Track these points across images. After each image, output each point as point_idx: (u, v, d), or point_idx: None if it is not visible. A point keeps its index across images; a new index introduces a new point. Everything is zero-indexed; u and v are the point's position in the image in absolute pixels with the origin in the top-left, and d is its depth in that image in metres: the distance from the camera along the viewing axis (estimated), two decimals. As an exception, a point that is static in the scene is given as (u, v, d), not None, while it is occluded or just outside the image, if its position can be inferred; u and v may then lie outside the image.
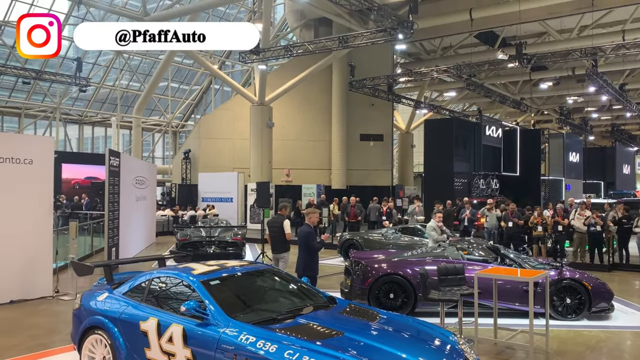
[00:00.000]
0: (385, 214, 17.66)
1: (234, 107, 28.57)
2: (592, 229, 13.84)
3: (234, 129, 28.16)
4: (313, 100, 28.82)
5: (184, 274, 5.37)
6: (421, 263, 8.70)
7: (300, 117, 28.95)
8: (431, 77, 28.34)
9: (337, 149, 28.44)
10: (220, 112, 29.94)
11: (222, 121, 28.70)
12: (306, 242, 7.38)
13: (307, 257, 7.41)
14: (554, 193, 28.05)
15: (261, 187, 14.59)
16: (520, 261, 8.86)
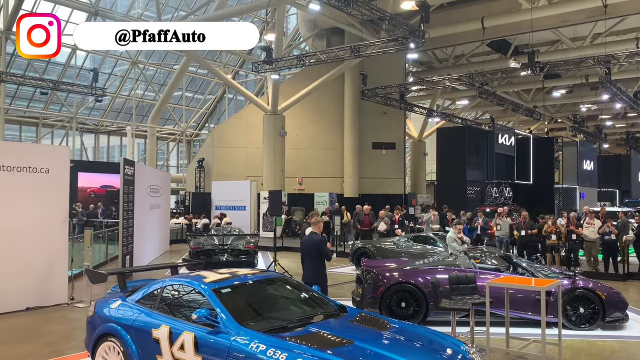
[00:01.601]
0: (398, 223, 17.59)
1: (248, 116, 28.73)
2: (606, 238, 13.66)
3: (247, 138, 28.30)
4: (325, 109, 28.90)
5: (196, 282, 5.41)
6: (433, 272, 8.64)
7: (312, 126, 29.02)
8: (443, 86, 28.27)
9: (350, 157, 28.45)
10: (233, 121, 30.14)
11: (235, 130, 28.88)
12: (319, 250, 7.35)
13: (317, 266, 7.38)
14: (568, 202, 27.76)
15: (273, 195, 14.62)
16: (533, 270, 8.77)
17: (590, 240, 13.80)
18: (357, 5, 16.11)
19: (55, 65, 28.48)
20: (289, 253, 17.86)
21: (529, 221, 14.52)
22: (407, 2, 19.17)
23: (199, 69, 35.30)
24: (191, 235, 16.74)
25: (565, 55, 24.04)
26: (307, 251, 7.51)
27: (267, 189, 21.95)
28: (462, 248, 9.56)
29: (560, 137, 33.39)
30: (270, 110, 24.69)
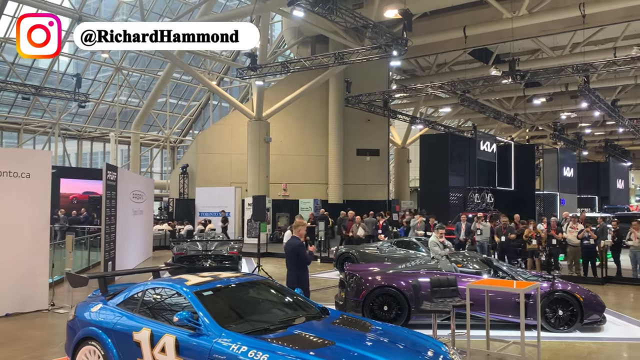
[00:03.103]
0: (381, 228, 17.68)
1: (232, 122, 28.69)
2: (585, 242, 13.88)
3: (231, 144, 28.23)
4: (310, 115, 28.98)
5: (177, 285, 5.38)
6: (415, 275, 8.71)
7: (297, 132, 29.07)
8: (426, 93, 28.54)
9: (334, 163, 28.53)
10: (218, 127, 30.07)
11: (219, 136, 28.80)
12: (297, 254, 7.40)
13: (298, 270, 7.42)
14: (548, 207, 28.13)
15: (257, 200, 14.62)
16: (513, 273, 8.89)
17: (573, 244, 14.01)
18: (340, 12, 16.24)
19: (37, 71, 28.17)
20: (273, 259, 17.83)
21: (509, 226, 14.70)
22: (390, 10, 19.38)
23: (183, 75, 35.18)
24: (174, 241, 16.63)
25: (545, 64, 24.47)
26: (288, 255, 7.56)
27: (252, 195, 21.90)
28: (443, 252, 9.64)
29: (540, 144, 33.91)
30: (255, 117, 24.69)
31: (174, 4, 28.84)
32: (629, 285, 13.15)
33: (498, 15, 20.90)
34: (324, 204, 26.72)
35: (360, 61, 19.76)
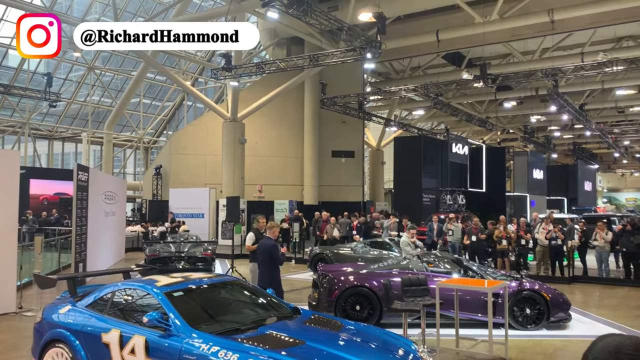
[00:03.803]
0: (356, 229, 17.79)
1: (207, 123, 28.48)
2: (553, 243, 14.19)
3: (206, 145, 28.03)
4: (285, 117, 28.97)
5: (147, 286, 5.34)
6: (387, 275, 8.79)
7: (272, 134, 29.02)
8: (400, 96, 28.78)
9: (309, 165, 28.57)
10: (192, 128, 29.81)
11: (194, 137, 28.56)
12: (270, 254, 7.41)
13: (271, 270, 7.43)
14: (519, 209, 28.68)
15: (231, 202, 14.56)
16: (483, 273, 9.05)
17: (544, 244, 14.31)
18: (315, 15, 16.29)
19: (7, 69, 27.48)
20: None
21: (479, 226, 14.95)
22: (365, 13, 19.52)
23: (157, 75, 34.77)
24: (147, 242, 16.42)
25: (516, 68, 24.96)
26: (260, 256, 7.58)
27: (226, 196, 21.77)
28: (415, 252, 9.77)
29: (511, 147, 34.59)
30: (230, 118, 24.56)
31: (148, 3, 28.50)
32: (594, 285, 13.51)
33: (470, 20, 21.25)
34: (299, 206, 26.70)
35: (335, 63, 19.85)
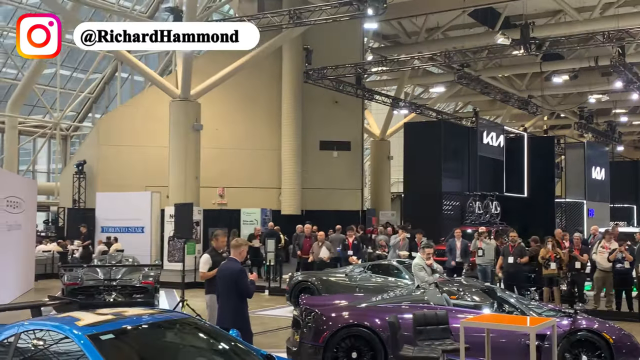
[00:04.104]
0: (352, 247, 17.81)
1: (148, 103, 28.32)
2: (618, 266, 14.29)
3: (147, 133, 27.88)
4: (257, 95, 28.90)
5: (65, 326, 5.30)
6: (394, 311, 8.79)
7: (239, 118, 28.95)
8: (413, 67, 28.88)
9: (289, 161, 28.55)
10: (128, 109, 29.63)
11: (130, 122, 28.38)
12: (235, 282, 7.41)
13: (235, 304, 7.45)
14: (572, 220, 28.88)
15: (182, 211, 14.52)
16: (523, 307, 9.09)
17: (603, 268, 14.40)
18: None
19: None
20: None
21: (518, 244, 15.02)
22: (365, -46, 19.58)
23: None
24: (65, 266, 16.31)
25: (569, 30, 25.16)
26: (222, 284, 7.55)
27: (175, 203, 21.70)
28: (431, 279, 9.80)
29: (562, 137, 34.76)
30: (180, 96, 24.46)
31: None
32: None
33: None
34: (276, 216, 26.63)
35: (325, 22, 19.89)
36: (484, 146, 26.38)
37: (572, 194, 30.47)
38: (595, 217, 29.94)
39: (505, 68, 33.62)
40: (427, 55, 26.03)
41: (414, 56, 25.97)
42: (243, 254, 7.89)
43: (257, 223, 25.22)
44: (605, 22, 25.00)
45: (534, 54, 23.53)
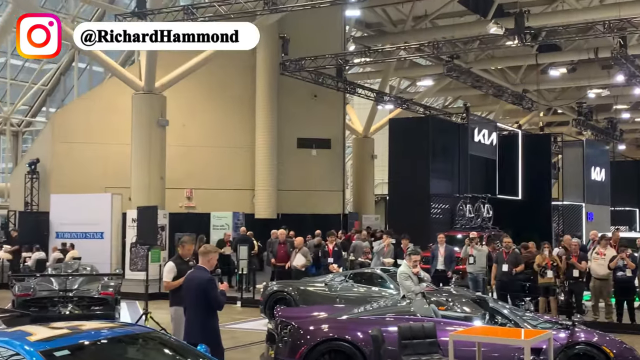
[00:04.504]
0: (332, 255, 17.85)
1: (108, 96, 28.17)
2: (620, 275, 14.43)
3: (107, 129, 27.71)
4: (228, 88, 28.85)
5: (15, 342, 5.29)
6: (378, 323, 8.83)
7: (209, 113, 28.88)
8: (398, 58, 28.98)
9: (264, 160, 28.52)
10: (86, 103, 29.42)
11: (89, 117, 28.20)
12: (204, 293, 7.39)
13: (204, 316, 7.44)
14: (570, 224, 29.09)
15: (145, 214, 14.45)
16: (517, 319, 9.17)
17: (600, 276, 14.55)
18: None
19: None
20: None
21: (513, 250, 15.13)
22: None
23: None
24: (16, 276, 16.15)
25: (567, 19, 25.37)
26: (189, 295, 7.53)
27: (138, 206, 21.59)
28: (418, 288, 9.83)
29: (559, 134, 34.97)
30: (144, 88, 24.34)
31: None
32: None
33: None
34: (249, 220, 26.63)
35: (303, 9, 19.90)
36: (475, 144, 26.50)
37: (570, 196, 30.70)
38: (594, 221, 30.20)
39: (498, 60, 33.84)
40: (414, 46, 26.10)
41: (400, 46, 26.05)
42: (212, 261, 7.86)
43: (228, 228, 25.18)
44: (605, 10, 25.22)
45: (530, 44, 23.69)
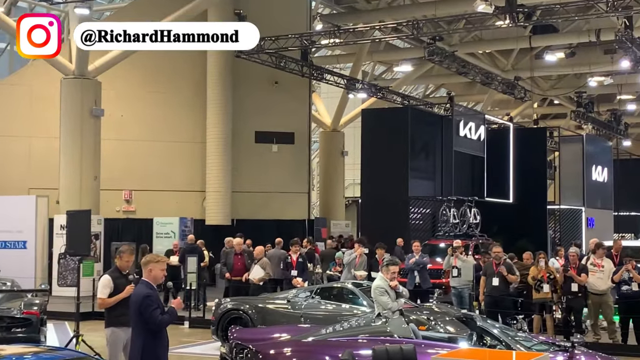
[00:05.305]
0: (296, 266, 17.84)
1: (31, 80, 27.96)
2: (624, 289, 14.60)
3: (31, 119, 27.46)
4: (175, 73, 28.72)
5: None
6: (349, 345, 8.83)
7: (151, 102, 28.72)
8: (373, 40, 29.01)
9: (216, 156, 28.44)
10: (6, 89, 29.04)
11: (9, 106, 27.91)
12: (140, 311, 7.42)
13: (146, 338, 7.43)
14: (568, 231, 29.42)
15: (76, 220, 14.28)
16: (509, 340, 9.22)
17: (597, 291, 14.72)
18: None
19: None
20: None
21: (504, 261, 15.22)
22: None
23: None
24: None
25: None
26: (131, 314, 7.65)
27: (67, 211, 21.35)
28: (395, 305, 9.83)
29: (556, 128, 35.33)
30: (75, 72, 24.12)
31: None
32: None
33: None
34: (199, 227, 26.59)
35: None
36: (460, 139, 26.65)
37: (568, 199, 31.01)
38: (595, 227, 30.54)
39: (487, 43, 34.03)
40: (390, 25, 26.13)
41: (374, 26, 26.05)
42: (155, 273, 7.81)
43: (174, 236, 25.08)
44: (608, -14, 25.55)
45: (522, 25, 23.89)
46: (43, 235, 23.80)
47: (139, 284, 7.83)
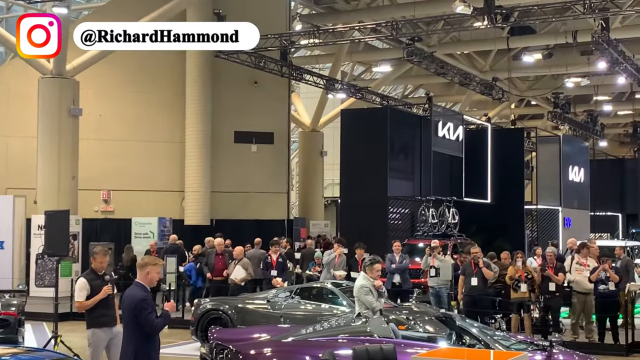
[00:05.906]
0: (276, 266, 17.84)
1: (8, 79, 27.85)
2: (601, 288, 14.71)
3: (7, 119, 27.32)
4: (154, 73, 28.65)
5: None
6: (329, 345, 8.84)
7: (130, 102, 28.61)
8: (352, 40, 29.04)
9: (196, 157, 28.38)
10: (-18, 88, 28.85)
11: (-15, 105, 27.71)
12: (135, 315, 7.41)
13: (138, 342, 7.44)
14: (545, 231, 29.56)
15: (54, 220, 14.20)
16: (487, 339, 9.27)
17: (583, 290, 14.81)
18: None
19: None
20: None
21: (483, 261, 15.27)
22: None
23: None
24: None
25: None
26: (123, 317, 7.69)
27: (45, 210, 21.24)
28: (378, 304, 9.85)
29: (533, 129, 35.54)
30: (52, 71, 23.99)
31: None
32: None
33: None
34: (178, 227, 26.52)
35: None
36: (439, 140, 26.70)
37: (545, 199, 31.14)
38: (572, 227, 30.70)
39: (465, 44, 34.19)
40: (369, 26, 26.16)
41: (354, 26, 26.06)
42: (151, 276, 7.82)
43: (154, 236, 24.98)
44: (585, -12, 25.66)
45: (500, 26, 23.95)
46: (20, 236, 23.63)
47: (134, 287, 7.74)
